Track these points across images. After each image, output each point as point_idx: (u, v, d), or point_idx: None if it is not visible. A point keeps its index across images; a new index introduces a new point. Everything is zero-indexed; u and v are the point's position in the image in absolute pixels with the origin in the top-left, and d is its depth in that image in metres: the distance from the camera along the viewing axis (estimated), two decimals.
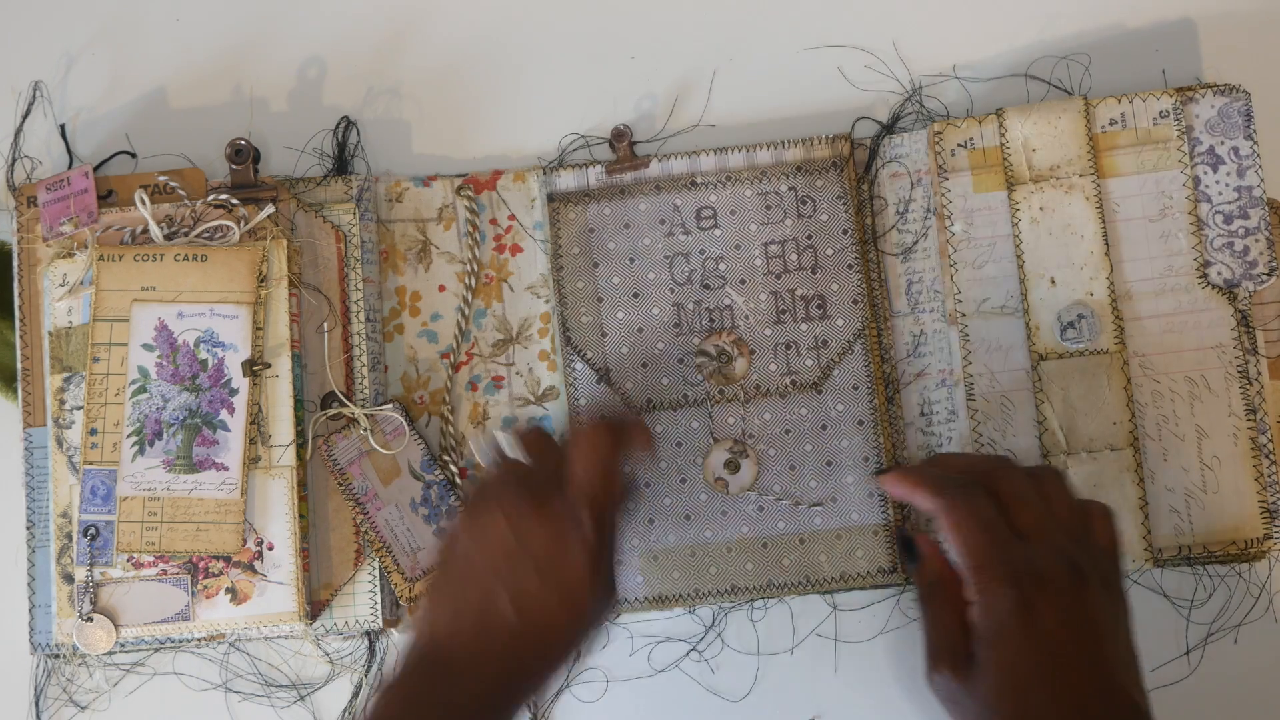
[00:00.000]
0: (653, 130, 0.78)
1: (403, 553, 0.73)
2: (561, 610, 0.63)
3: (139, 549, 0.71)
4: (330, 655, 0.75)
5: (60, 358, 0.73)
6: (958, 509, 0.63)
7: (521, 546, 0.63)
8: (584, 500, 0.64)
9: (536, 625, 0.62)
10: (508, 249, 0.77)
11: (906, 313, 0.75)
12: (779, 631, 0.74)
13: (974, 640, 0.61)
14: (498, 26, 0.79)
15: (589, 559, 0.63)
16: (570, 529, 0.63)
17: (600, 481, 0.65)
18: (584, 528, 0.63)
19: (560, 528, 0.63)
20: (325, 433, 0.74)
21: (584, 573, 0.63)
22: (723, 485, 0.74)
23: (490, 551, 0.63)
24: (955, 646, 0.62)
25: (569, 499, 0.64)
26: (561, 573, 0.63)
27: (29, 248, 0.75)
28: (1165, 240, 0.73)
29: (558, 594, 0.63)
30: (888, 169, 0.75)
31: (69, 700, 0.75)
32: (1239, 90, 0.73)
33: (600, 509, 0.64)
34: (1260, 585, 0.73)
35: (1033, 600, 0.60)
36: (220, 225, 0.74)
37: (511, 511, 0.64)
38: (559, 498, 0.64)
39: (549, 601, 0.63)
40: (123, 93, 0.79)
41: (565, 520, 0.63)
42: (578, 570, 0.63)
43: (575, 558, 0.63)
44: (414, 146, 0.78)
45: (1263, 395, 0.72)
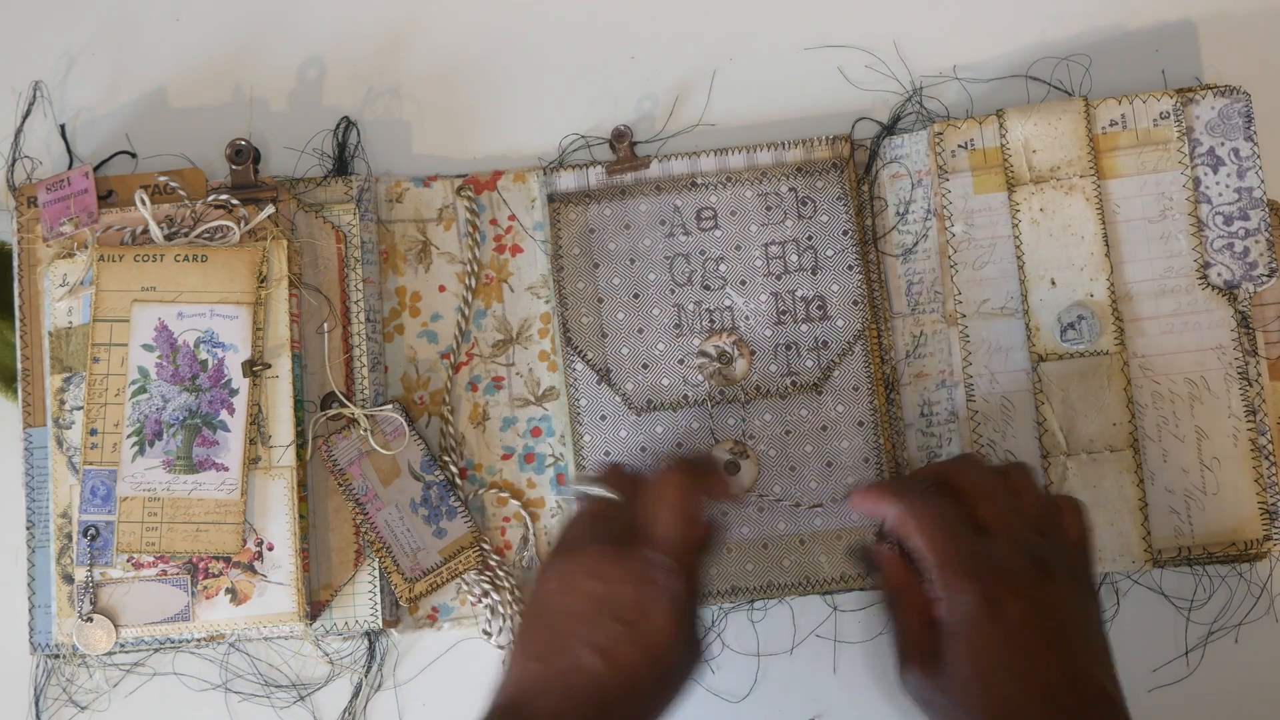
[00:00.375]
0: (653, 131, 0.78)
1: (403, 553, 0.73)
2: (646, 662, 0.62)
3: (139, 549, 0.71)
4: (330, 656, 0.75)
5: (60, 358, 0.73)
6: (919, 510, 0.63)
7: (607, 595, 0.62)
8: (666, 548, 0.63)
9: (622, 678, 0.61)
10: (508, 249, 0.77)
11: (907, 313, 0.75)
12: (779, 632, 0.74)
13: (941, 638, 0.61)
14: (498, 27, 0.79)
15: (674, 609, 0.62)
16: (655, 578, 0.62)
17: (683, 528, 0.64)
18: (668, 577, 0.62)
19: (645, 576, 0.62)
20: (325, 433, 0.74)
21: (669, 623, 0.62)
22: None
23: (576, 601, 0.62)
24: (922, 646, 0.62)
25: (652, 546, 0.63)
26: (647, 623, 0.62)
27: (29, 248, 0.75)
28: (1165, 241, 0.73)
29: (643, 645, 0.62)
30: (888, 170, 0.75)
31: (69, 700, 0.75)
32: (1239, 91, 0.73)
33: (684, 557, 0.63)
34: (1260, 585, 0.73)
35: (997, 594, 0.60)
36: (220, 225, 0.74)
37: (596, 559, 0.63)
38: (644, 545, 0.63)
39: (634, 654, 0.61)
40: (123, 93, 0.79)
41: (650, 568, 0.62)
42: (663, 621, 0.62)
43: (660, 608, 0.62)
44: (414, 147, 0.78)
45: (1263, 396, 0.72)
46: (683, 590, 0.63)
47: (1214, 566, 0.73)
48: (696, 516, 0.65)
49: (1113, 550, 0.71)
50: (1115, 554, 0.71)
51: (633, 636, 0.62)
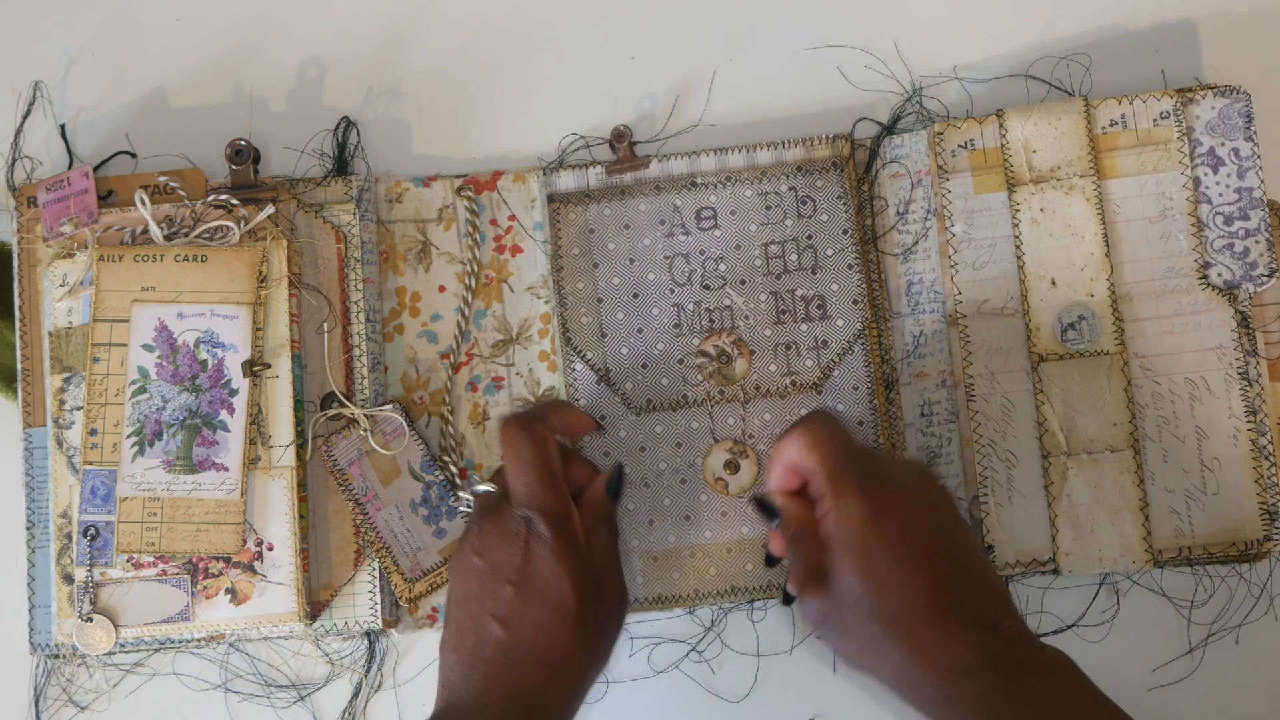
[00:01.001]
0: (653, 130, 0.78)
1: (402, 553, 0.73)
2: (546, 613, 0.63)
3: (139, 549, 0.71)
4: (330, 656, 0.75)
5: (60, 358, 0.73)
6: (813, 426, 0.64)
7: (491, 567, 0.64)
8: (527, 500, 0.65)
9: (528, 636, 0.63)
10: (508, 249, 0.77)
11: (907, 313, 0.75)
12: (779, 632, 0.74)
13: (830, 554, 0.61)
14: (498, 26, 0.79)
15: (555, 555, 0.64)
16: (521, 531, 0.64)
17: (535, 476, 0.66)
18: (535, 525, 0.64)
19: (515, 533, 0.64)
20: (325, 433, 0.74)
21: (554, 569, 0.63)
22: (723, 486, 0.74)
23: (469, 581, 0.65)
24: (817, 570, 0.62)
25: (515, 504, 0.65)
26: (535, 579, 0.63)
27: (29, 248, 0.75)
28: (1165, 241, 0.73)
29: (538, 599, 0.63)
30: (888, 169, 0.75)
31: (69, 700, 0.75)
32: (1239, 91, 0.73)
33: (547, 506, 0.65)
34: (1261, 585, 0.73)
35: (884, 500, 0.61)
36: (220, 226, 0.74)
37: (476, 540, 0.65)
38: (508, 510, 0.65)
39: (532, 609, 0.63)
40: (123, 93, 0.79)
41: (517, 524, 0.65)
42: (547, 569, 0.63)
43: (540, 557, 0.64)
44: (414, 147, 0.78)
45: (1263, 397, 0.72)
46: (557, 534, 0.64)
47: (1214, 566, 0.73)
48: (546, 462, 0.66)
49: (1113, 550, 0.71)
50: (1116, 554, 0.71)
51: (523, 593, 0.63)
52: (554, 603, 0.63)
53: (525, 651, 0.63)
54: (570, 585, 0.64)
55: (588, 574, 0.65)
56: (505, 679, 0.62)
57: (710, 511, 0.74)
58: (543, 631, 0.63)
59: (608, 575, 0.67)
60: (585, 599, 0.64)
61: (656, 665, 0.74)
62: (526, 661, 0.63)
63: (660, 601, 0.74)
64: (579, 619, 0.64)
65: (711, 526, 0.74)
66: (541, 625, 0.63)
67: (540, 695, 0.63)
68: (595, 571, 0.66)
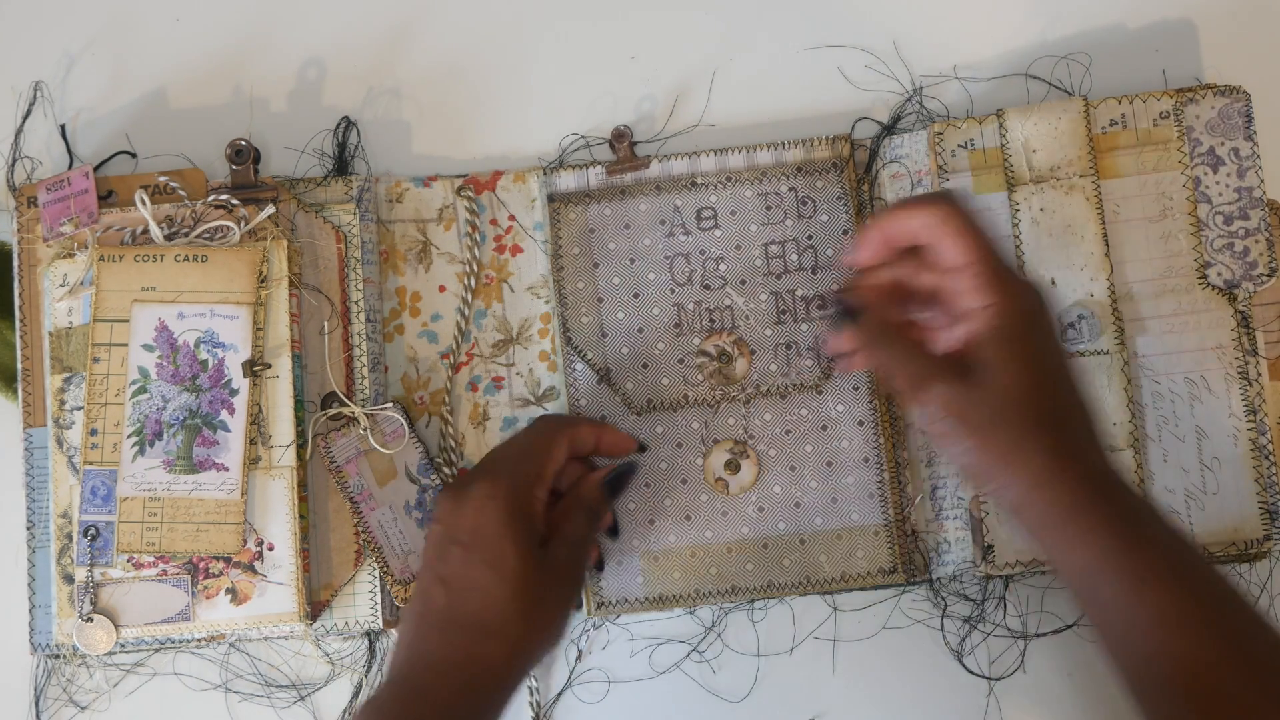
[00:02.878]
0: (653, 131, 0.78)
1: (393, 555, 0.73)
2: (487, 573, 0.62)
3: (139, 549, 0.71)
4: (330, 656, 0.75)
5: (60, 358, 0.73)
6: (963, 211, 0.61)
7: (447, 531, 0.64)
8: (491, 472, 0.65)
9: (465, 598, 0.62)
10: (508, 249, 0.77)
11: None
12: (779, 632, 0.74)
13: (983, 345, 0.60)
14: (498, 27, 0.79)
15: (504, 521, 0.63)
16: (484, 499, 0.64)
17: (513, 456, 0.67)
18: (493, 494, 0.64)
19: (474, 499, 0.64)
20: (325, 431, 0.74)
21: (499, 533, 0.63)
22: (723, 486, 0.74)
23: (427, 550, 0.65)
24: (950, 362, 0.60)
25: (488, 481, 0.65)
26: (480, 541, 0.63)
27: (29, 248, 0.75)
28: (1165, 241, 0.73)
29: (480, 560, 0.63)
30: (888, 170, 0.75)
31: (69, 700, 0.75)
32: (1239, 91, 0.73)
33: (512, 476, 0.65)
34: (1260, 585, 0.73)
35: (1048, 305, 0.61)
36: (220, 226, 0.74)
37: (439, 507, 0.66)
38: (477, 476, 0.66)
39: (473, 569, 0.63)
40: (123, 93, 0.79)
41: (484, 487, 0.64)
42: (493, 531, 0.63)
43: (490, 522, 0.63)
44: (414, 147, 0.78)
45: (1263, 396, 0.72)
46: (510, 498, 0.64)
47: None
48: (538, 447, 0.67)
49: None
50: None
51: (469, 554, 0.63)
52: (494, 563, 0.62)
53: (461, 613, 0.62)
54: (512, 547, 0.63)
55: (534, 540, 0.64)
56: (439, 642, 0.62)
57: (710, 511, 0.74)
58: (480, 593, 0.62)
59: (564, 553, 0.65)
60: (527, 563, 0.63)
61: (657, 666, 0.74)
62: (463, 624, 0.62)
63: (660, 601, 0.74)
64: (520, 583, 0.62)
65: (712, 526, 0.74)
66: (480, 587, 0.62)
67: (472, 658, 0.62)
68: (552, 548, 0.65)
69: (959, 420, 0.60)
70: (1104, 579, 0.57)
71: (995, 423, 0.59)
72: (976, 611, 0.73)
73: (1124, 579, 0.57)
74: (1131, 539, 0.57)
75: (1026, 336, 0.60)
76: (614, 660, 0.75)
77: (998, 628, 0.73)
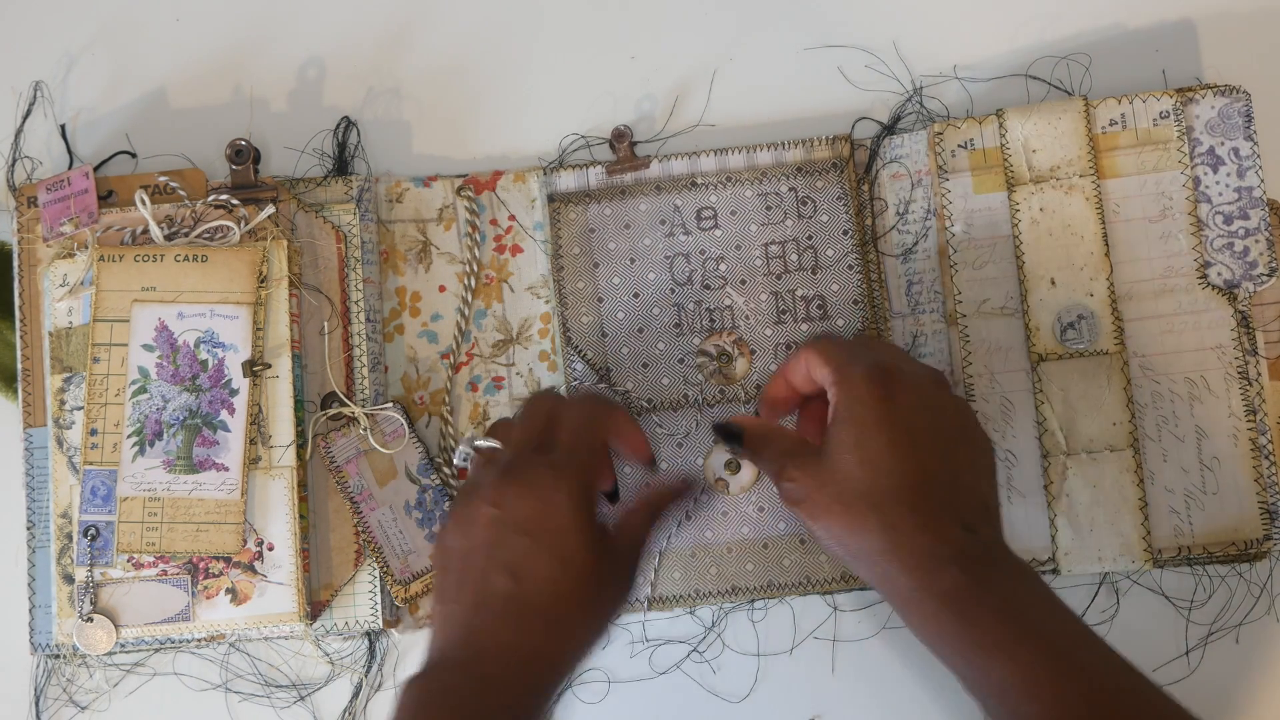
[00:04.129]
0: (653, 131, 0.78)
1: (393, 555, 0.73)
2: (559, 569, 0.61)
3: (139, 549, 0.71)
4: (330, 656, 0.75)
5: (60, 358, 0.73)
6: (822, 340, 0.65)
7: (506, 517, 0.61)
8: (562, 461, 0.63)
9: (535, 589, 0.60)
10: (508, 249, 0.77)
11: (906, 313, 0.75)
12: (779, 632, 0.74)
13: (828, 432, 0.62)
14: (498, 26, 0.79)
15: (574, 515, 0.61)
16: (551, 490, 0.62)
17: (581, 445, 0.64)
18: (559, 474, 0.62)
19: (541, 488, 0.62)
20: (325, 432, 0.74)
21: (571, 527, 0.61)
22: (723, 486, 0.74)
23: (478, 533, 0.62)
24: (798, 450, 0.63)
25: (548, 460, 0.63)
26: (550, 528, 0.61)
27: (29, 248, 0.75)
28: (1165, 241, 0.73)
29: (551, 552, 0.61)
30: (888, 170, 0.75)
31: (69, 700, 0.75)
32: (1239, 91, 0.73)
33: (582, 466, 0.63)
34: (1260, 585, 0.73)
35: (891, 387, 0.61)
36: (220, 225, 0.74)
37: (492, 492, 0.62)
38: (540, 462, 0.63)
39: (544, 563, 0.61)
40: (123, 93, 0.79)
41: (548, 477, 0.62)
42: (565, 519, 0.61)
43: (561, 515, 0.61)
44: (414, 147, 0.78)
45: (1262, 396, 0.72)
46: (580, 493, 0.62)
47: (1214, 566, 0.73)
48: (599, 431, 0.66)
49: (1113, 550, 0.71)
50: (1115, 553, 0.71)
51: (537, 545, 0.61)
52: (564, 558, 0.61)
53: (531, 605, 0.61)
54: (582, 544, 0.61)
55: (600, 539, 0.63)
56: (508, 632, 0.60)
57: (710, 511, 0.74)
58: (551, 585, 0.61)
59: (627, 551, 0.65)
60: (597, 561, 0.62)
61: (658, 667, 0.74)
62: (531, 614, 0.60)
63: (660, 601, 0.74)
64: (587, 579, 0.62)
65: (711, 526, 0.74)
66: (551, 579, 0.61)
67: (538, 651, 0.61)
68: (617, 545, 0.64)
69: (804, 506, 0.62)
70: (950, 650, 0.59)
71: (832, 507, 0.61)
72: None
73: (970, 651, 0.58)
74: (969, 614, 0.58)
75: (858, 419, 0.61)
76: (615, 661, 0.75)
77: None
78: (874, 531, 0.60)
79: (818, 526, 0.62)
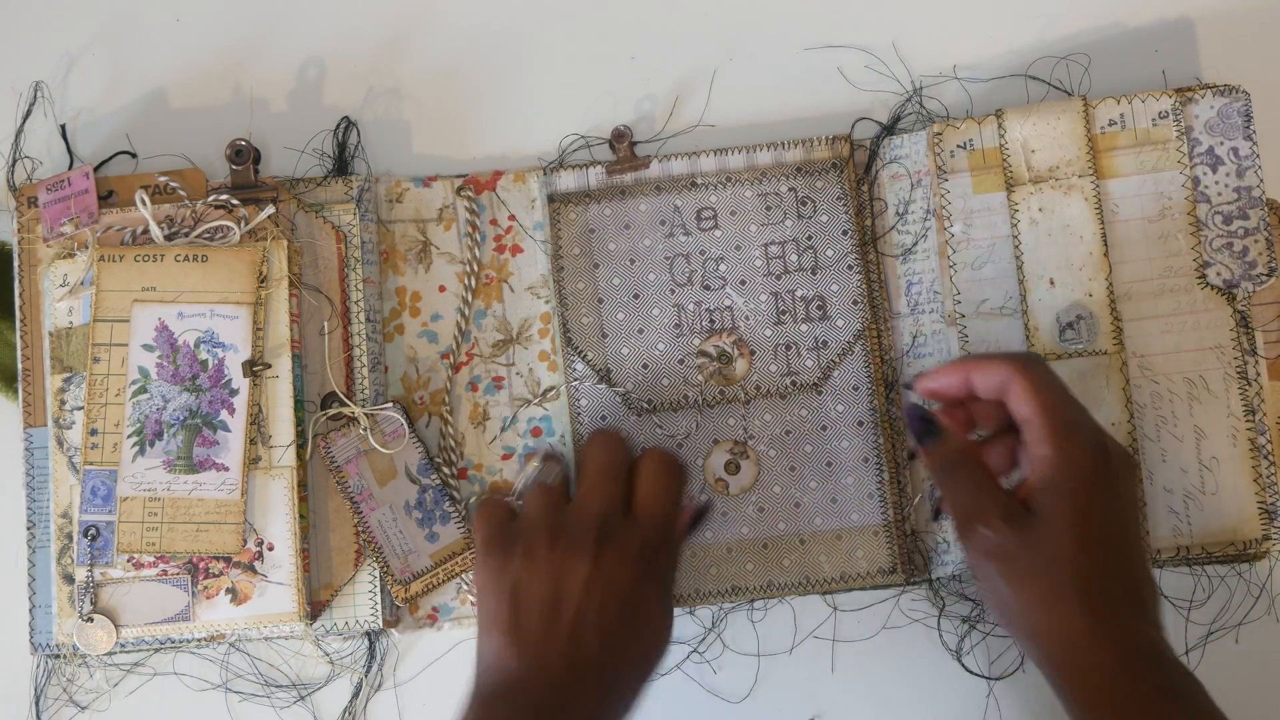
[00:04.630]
0: (653, 131, 0.78)
1: (393, 554, 0.73)
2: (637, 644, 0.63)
3: (139, 549, 0.71)
4: (330, 656, 0.75)
5: (61, 358, 0.73)
6: (1034, 370, 0.63)
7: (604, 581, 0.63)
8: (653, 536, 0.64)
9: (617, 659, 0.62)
10: (508, 249, 0.77)
11: (906, 314, 0.75)
12: (779, 632, 0.74)
13: (1038, 495, 0.60)
14: (498, 27, 0.79)
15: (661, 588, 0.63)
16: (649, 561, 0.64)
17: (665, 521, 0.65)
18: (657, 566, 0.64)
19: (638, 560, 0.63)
20: (325, 432, 0.74)
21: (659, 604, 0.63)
22: (723, 486, 0.74)
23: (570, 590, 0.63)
24: (1007, 502, 0.61)
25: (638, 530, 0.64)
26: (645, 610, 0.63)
27: (29, 248, 0.75)
28: (1164, 241, 0.73)
29: (636, 627, 0.63)
30: (888, 170, 0.76)
31: (69, 700, 0.75)
32: (1238, 91, 0.73)
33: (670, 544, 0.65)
34: (1260, 585, 0.73)
35: (1112, 470, 0.61)
36: (220, 226, 0.74)
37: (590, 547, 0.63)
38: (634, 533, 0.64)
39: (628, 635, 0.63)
40: (123, 93, 0.79)
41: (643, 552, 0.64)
42: (654, 602, 0.63)
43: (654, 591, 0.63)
44: (414, 147, 0.78)
45: (1261, 396, 0.72)
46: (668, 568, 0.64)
47: (1213, 566, 0.73)
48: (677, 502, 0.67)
49: None
50: None
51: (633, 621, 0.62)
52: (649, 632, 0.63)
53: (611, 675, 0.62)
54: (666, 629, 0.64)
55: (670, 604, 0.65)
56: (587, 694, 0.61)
57: (710, 511, 0.74)
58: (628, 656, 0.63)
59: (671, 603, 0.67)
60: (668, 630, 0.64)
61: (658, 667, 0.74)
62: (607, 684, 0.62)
63: None
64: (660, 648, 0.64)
65: (711, 526, 0.74)
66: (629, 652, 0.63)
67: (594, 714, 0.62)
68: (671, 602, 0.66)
69: (1001, 563, 0.61)
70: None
71: (1037, 574, 0.60)
72: (976, 611, 0.73)
73: None
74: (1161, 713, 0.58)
75: (1080, 494, 0.60)
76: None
77: (997, 627, 0.73)
78: (1076, 615, 0.59)
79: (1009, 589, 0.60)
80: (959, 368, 0.65)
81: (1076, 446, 0.61)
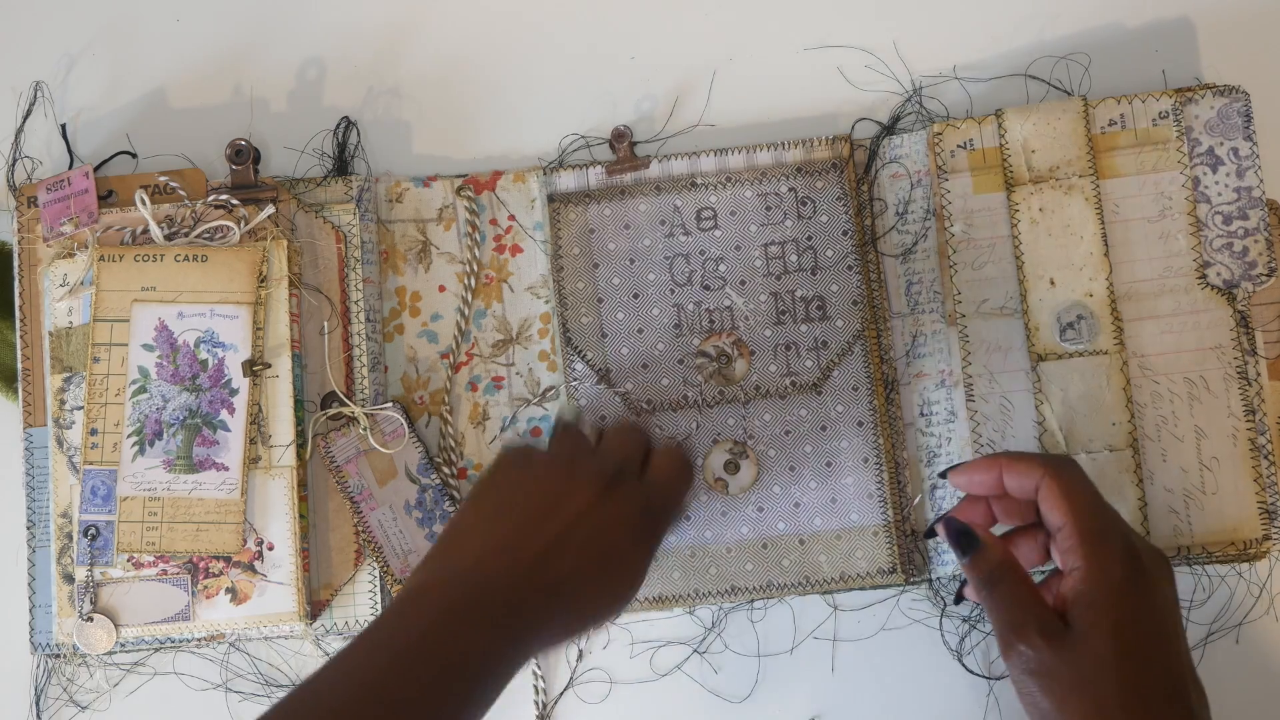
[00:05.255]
0: (653, 131, 0.78)
1: (393, 554, 0.73)
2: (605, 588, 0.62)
3: (139, 549, 0.71)
4: (330, 655, 0.75)
5: (60, 358, 0.73)
6: (1066, 475, 0.62)
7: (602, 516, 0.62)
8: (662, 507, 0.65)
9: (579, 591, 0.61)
10: (508, 249, 0.77)
11: (906, 313, 0.75)
12: (779, 632, 0.74)
13: (1072, 607, 0.60)
14: (498, 27, 0.79)
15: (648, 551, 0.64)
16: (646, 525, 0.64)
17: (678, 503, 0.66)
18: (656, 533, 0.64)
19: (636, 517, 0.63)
20: (325, 431, 0.74)
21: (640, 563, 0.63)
22: (722, 486, 0.74)
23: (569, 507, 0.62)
24: (1046, 617, 0.60)
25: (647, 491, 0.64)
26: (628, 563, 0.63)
27: (29, 248, 0.75)
28: (1164, 241, 0.73)
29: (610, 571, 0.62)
30: (887, 170, 0.76)
31: (69, 700, 0.75)
32: (1238, 91, 0.73)
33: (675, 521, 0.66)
34: (1260, 585, 0.73)
35: (1147, 580, 0.60)
36: (220, 225, 0.74)
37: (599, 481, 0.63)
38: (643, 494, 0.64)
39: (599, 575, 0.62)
40: (123, 93, 0.79)
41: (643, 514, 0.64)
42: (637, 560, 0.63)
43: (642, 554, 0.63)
44: (414, 147, 0.78)
45: (1261, 396, 0.72)
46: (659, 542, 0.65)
47: (1214, 566, 0.73)
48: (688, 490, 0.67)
49: None
50: None
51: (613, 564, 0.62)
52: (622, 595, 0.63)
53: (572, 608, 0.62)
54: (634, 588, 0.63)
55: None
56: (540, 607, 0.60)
57: (710, 511, 0.74)
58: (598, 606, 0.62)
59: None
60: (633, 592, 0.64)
61: (659, 668, 0.74)
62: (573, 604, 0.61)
63: (660, 601, 0.74)
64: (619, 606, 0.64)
65: (711, 527, 0.74)
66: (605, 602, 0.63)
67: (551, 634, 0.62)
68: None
69: (1042, 680, 0.60)
70: None
71: (1079, 689, 0.59)
72: (976, 611, 0.73)
73: None
74: None
75: (1115, 607, 0.59)
76: (615, 661, 0.75)
77: None
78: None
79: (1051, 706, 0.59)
80: (992, 464, 0.64)
81: (1108, 556, 0.60)
